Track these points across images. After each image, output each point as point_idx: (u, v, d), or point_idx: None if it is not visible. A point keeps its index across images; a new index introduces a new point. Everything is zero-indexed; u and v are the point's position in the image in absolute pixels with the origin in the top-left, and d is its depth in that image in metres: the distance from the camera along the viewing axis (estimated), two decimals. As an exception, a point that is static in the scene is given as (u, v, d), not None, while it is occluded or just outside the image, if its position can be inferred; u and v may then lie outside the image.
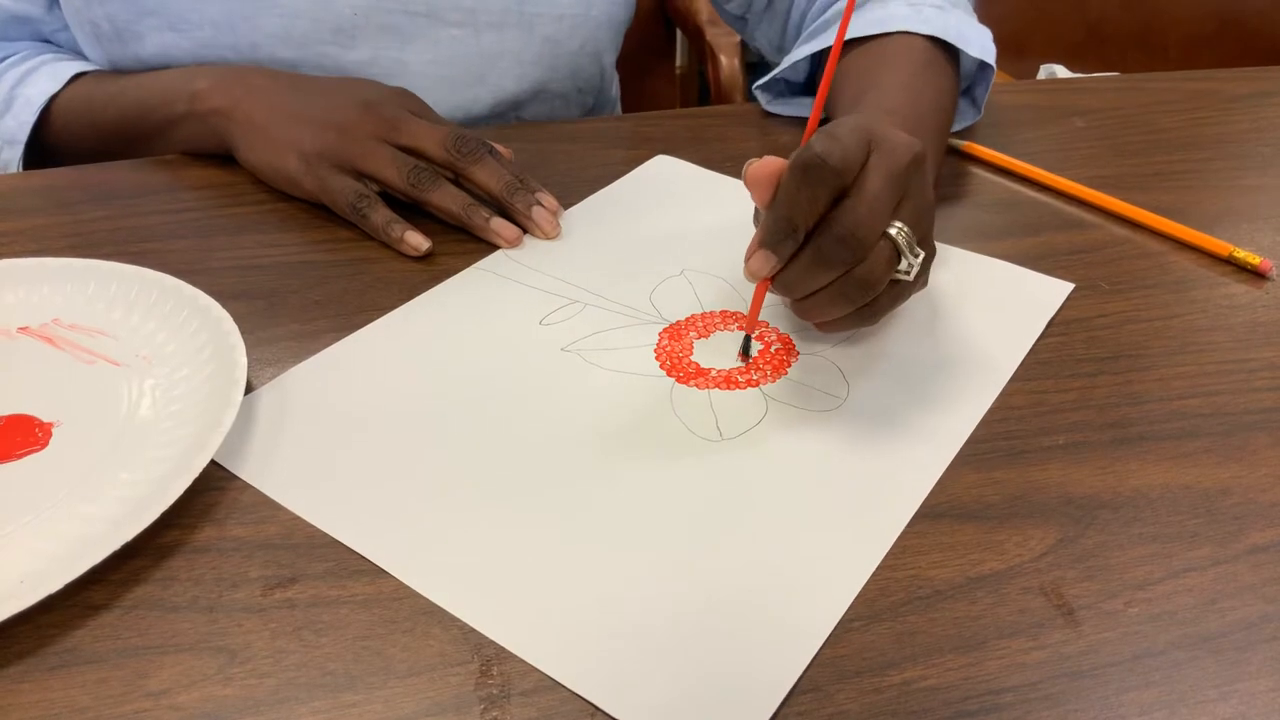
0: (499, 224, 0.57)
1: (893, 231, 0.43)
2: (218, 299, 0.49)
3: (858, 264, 0.43)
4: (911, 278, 0.45)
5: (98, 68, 0.70)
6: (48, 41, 0.72)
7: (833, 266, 0.42)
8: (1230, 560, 0.39)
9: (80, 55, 0.71)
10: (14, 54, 0.69)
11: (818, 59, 0.71)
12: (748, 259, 0.44)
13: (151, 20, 0.65)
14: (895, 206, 0.43)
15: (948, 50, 0.65)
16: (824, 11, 0.73)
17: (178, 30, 0.65)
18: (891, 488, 0.41)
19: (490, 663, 0.35)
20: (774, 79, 0.71)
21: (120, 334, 0.49)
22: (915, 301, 0.52)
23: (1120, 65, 1.20)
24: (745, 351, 0.49)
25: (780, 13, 0.78)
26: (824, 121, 0.51)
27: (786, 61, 0.70)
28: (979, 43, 0.65)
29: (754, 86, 0.72)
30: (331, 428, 0.44)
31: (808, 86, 0.74)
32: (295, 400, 0.46)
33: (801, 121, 0.71)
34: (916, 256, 0.44)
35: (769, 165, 0.42)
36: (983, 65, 0.67)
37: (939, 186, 0.64)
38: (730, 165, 0.66)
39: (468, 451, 0.43)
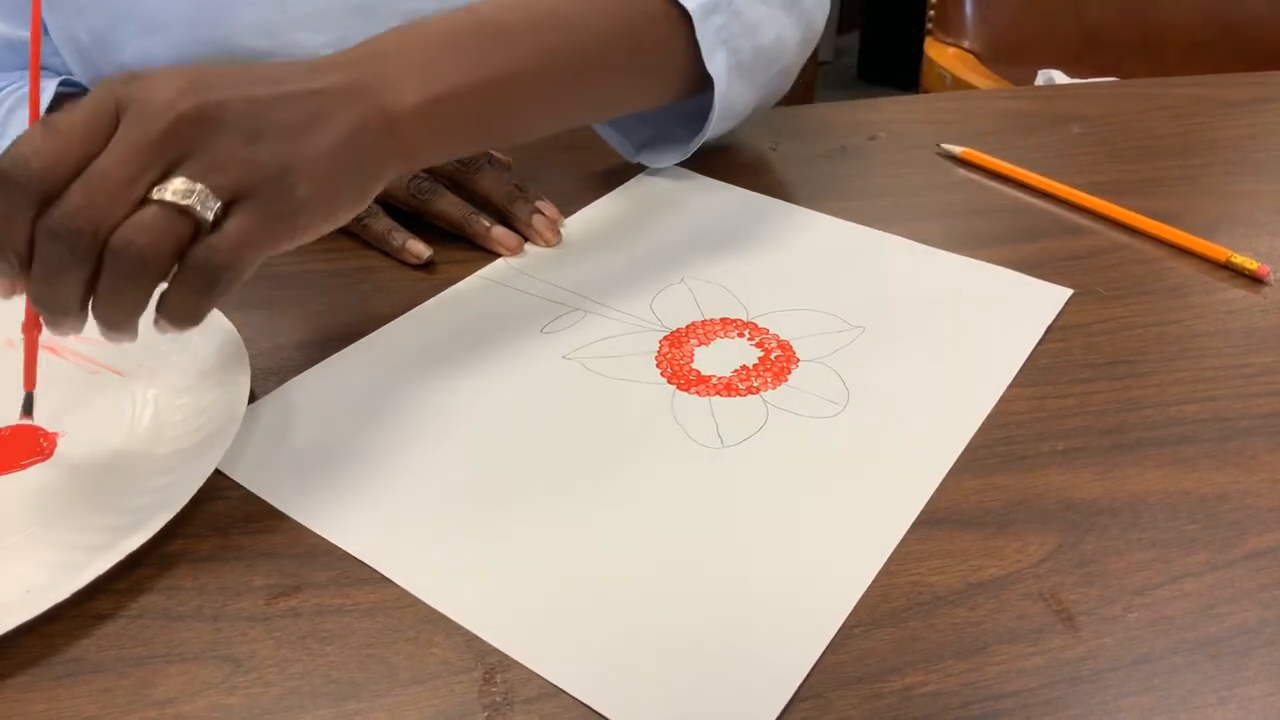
0: (500, 232, 0.57)
1: (164, 195, 0.36)
2: (221, 308, 0.49)
3: (93, 250, 0.36)
4: (209, 218, 0.37)
5: (85, 86, 0.70)
6: (44, 68, 0.72)
7: (60, 266, 0.36)
8: (1228, 566, 0.39)
9: (70, 75, 0.71)
10: (9, 85, 0.69)
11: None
12: None
13: (128, 26, 0.65)
14: (164, 170, 0.37)
15: (684, 33, 0.57)
16: None
17: (154, 33, 0.65)
18: (891, 494, 0.42)
19: (493, 670, 0.35)
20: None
21: (124, 344, 0.49)
22: (914, 307, 0.53)
23: (1118, 71, 1.21)
24: (27, 410, 0.42)
25: None
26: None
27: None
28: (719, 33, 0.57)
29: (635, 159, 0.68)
30: (334, 437, 0.45)
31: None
32: (298, 409, 0.46)
33: (797, 128, 0.71)
34: (208, 205, 0.37)
35: None
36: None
37: (914, 193, 0.64)
38: (730, 173, 0.66)
39: (470, 460, 0.43)
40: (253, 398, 0.46)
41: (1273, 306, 0.54)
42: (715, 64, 0.58)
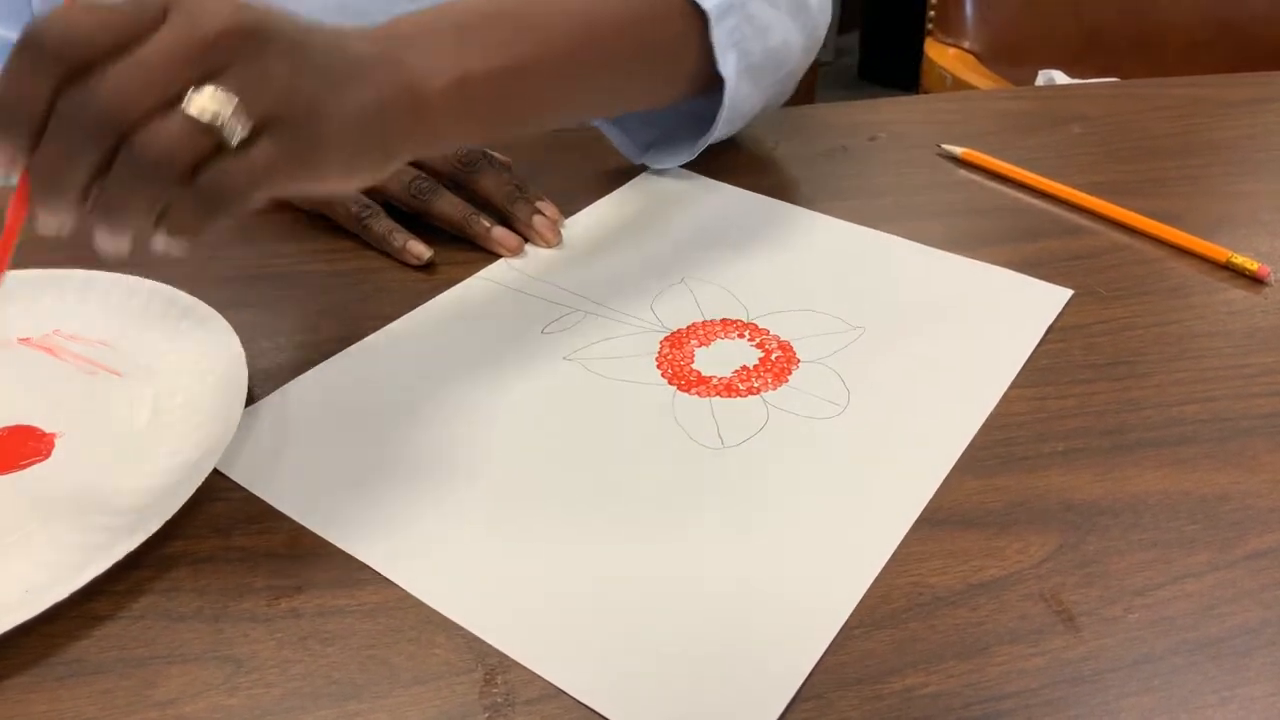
0: (500, 233, 0.57)
1: (190, 103, 0.34)
2: (220, 309, 0.49)
3: (114, 138, 0.34)
4: (233, 140, 0.36)
5: None
6: None
7: (73, 147, 0.34)
8: (1229, 566, 0.39)
9: None
10: None
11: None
12: None
13: None
14: (203, 75, 0.35)
15: (696, 27, 0.57)
16: None
17: None
18: (892, 495, 0.42)
19: (494, 671, 0.35)
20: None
21: (121, 344, 0.49)
22: (915, 308, 0.53)
23: (1118, 71, 1.21)
24: None
25: None
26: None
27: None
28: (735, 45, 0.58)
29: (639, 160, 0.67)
30: (335, 437, 0.45)
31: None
32: (298, 410, 0.46)
33: (792, 128, 0.71)
34: (237, 122, 0.35)
35: None
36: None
37: (916, 192, 0.64)
38: (729, 174, 0.66)
39: (471, 460, 0.43)
40: (253, 398, 0.46)
41: (1273, 307, 0.54)
42: (727, 65, 0.58)
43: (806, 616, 0.37)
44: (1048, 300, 0.54)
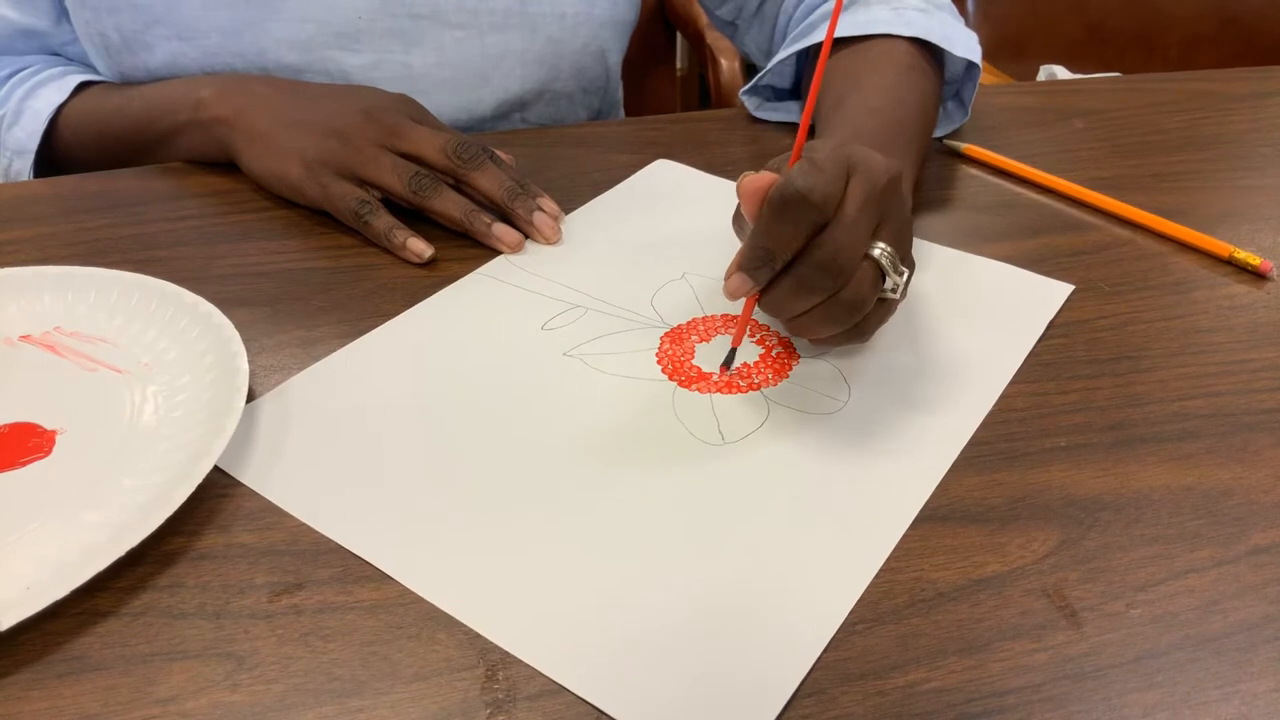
0: (501, 229, 0.57)
1: (875, 253, 0.43)
2: (221, 306, 0.49)
3: (841, 289, 0.43)
4: (899, 296, 0.45)
5: (104, 79, 0.70)
6: (56, 55, 0.72)
7: (815, 292, 0.43)
8: (1232, 561, 0.39)
9: (90, 68, 0.71)
10: (24, 68, 0.70)
11: (802, 63, 0.71)
12: (727, 278, 0.44)
13: (160, 29, 0.66)
14: (875, 228, 0.43)
15: (931, 54, 0.65)
16: (809, 14, 0.73)
17: (185, 39, 0.66)
18: (893, 490, 0.42)
19: (496, 668, 0.35)
20: (760, 84, 0.72)
21: (122, 341, 0.49)
22: (916, 304, 0.52)
23: (1120, 66, 1.21)
24: (728, 364, 0.48)
25: (769, 18, 0.78)
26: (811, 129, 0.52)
27: (770, 65, 0.70)
28: (964, 44, 0.65)
29: (740, 92, 0.72)
30: (336, 434, 0.45)
31: (794, 91, 0.74)
32: (299, 407, 0.46)
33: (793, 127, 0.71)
34: (901, 275, 0.44)
35: (763, 180, 0.42)
36: (970, 66, 0.67)
37: (922, 189, 0.64)
38: (730, 169, 0.66)
39: (471, 457, 0.43)
40: (255, 395, 0.46)
41: (1276, 302, 0.54)
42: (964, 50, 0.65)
43: (808, 611, 0.36)
44: (1050, 295, 0.54)
